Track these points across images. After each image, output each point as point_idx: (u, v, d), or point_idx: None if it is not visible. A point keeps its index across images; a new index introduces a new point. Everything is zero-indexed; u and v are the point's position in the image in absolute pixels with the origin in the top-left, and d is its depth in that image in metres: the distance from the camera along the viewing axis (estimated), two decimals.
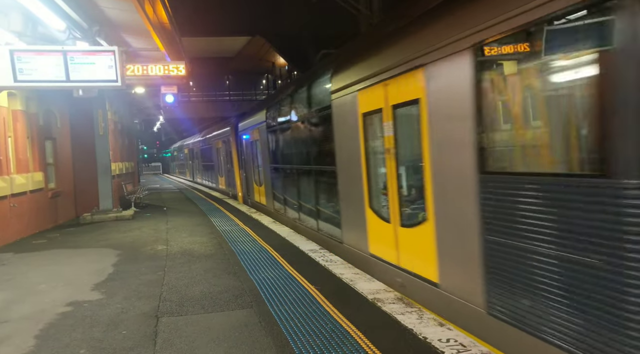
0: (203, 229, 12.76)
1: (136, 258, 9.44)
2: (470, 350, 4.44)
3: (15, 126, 12.67)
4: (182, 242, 11.00)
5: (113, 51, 9.86)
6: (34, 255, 10.32)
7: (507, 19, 4.15)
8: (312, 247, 9.64)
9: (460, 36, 4.83)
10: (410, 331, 4.96)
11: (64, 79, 9.68)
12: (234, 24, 26.46)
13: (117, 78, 9.86)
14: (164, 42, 12.02)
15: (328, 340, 4.86)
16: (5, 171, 11.88)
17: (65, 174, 16.37)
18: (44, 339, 5.29)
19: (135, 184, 27.20)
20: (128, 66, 10.32)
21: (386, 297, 6.14)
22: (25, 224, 12.85)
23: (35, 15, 9.43)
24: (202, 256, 9.33)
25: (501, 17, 4.21)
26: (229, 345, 4.88)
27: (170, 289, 7.09)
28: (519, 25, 4.04)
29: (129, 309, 6.21)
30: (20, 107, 12.98)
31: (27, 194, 13.00)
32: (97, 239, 12.07)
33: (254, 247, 9.99)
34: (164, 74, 10.64)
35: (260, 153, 15.55)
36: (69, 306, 6.49)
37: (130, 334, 5.32)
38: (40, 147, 14.35)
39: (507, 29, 4.17)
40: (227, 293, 6.72)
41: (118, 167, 21.83)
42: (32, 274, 8.47)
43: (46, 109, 14.86)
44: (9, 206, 11.87)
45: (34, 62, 9.48)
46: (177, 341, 5.05)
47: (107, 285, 7.51)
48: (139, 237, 12.06)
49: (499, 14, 4.26)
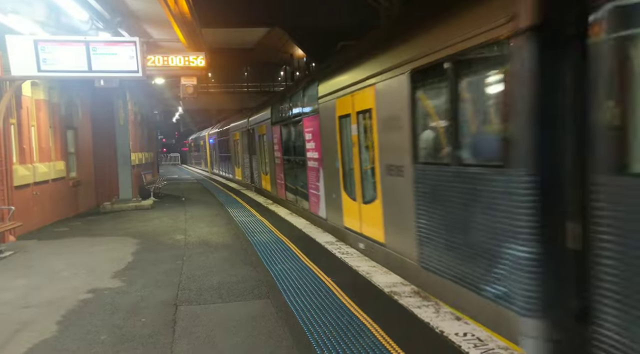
0: (220, 220, 12.86)
1: (155, 247, 9.57)
2: (487, 344, 4.42)
3: (38, 116, 12.87)
4: (200, 232, 11.10)
5: (134, 42, 9.94)
6: (56, 242, 10.51)
7: (425, 55, 5.90)
8: (328, 240, 9.66)
9: (398, 65, 6.62)
10: (427, 325, 4.96)
11: (86, 69, 9.78)
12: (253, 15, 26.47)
13: (138, 69, 9.94)
14: (184, 33, 12.07)
15: (344, 332, 4.88)
16: (28, 159, 12.10)
17: (86, 163, 16.61)
18: (66, 325, 5.40)
19: (155, 174, 27.49)
20: (149, 57, 10.37)
21: (403, 290, 6.14)
22: (47, 212, 13.08)
23: (58, 6, 9.54)
24: (219, 246, 9.41)
25: (422, 55, 5.99)
26: (246, 335, 4.93)
27: (188, 278, 7.18)
28: (434, 60, 5.69)
29: (149, 297, 6.31)
30: (43, 97, 13.18)
31: (49, 183, 13.23)
32: (117, 228, 12.25)
33: (271, 238, 10.05)
34: (184, 65, 10.67)
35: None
36: (89, 293, 6.62)
37: (149, 322, 5.41)
38: (62, 136, 14.56)
39: (426, 63, 5.88)
40: (244, 283, 6.78)
41: (137, 157, 22.06)
42: (54, 261, 8.63)
43: (68, 99, 15.06)
44: (32, 194, 12.10)
45: (57, 52, 9.59)
46: (196, 330, 5.11)
47: (127, 273, 7.63)
48: (158, 226, 12.21)
49: (420, 54, 6.04)
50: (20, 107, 11.81)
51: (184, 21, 11.39)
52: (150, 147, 28.73)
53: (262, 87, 43.16)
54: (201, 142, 47.04)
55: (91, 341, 4.92)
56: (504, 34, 4.36)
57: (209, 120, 55.14)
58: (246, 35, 35.10)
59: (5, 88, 10.50)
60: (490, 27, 4.55)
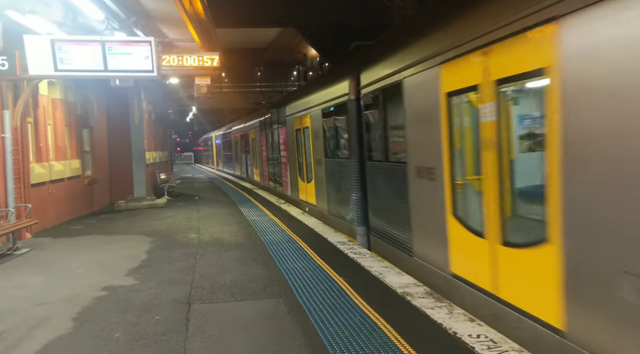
0: (233, 219, 12.92)
1: (169, 246, 9.64)
2: (501, 346, 4.39)
3: (55, 114, 13.03)
4: (213, 231, 11.16)
5: (149, 42, 10.00)
6: (71, 240, 10.64)
7: (319, 104, 11.78)
8: (340, 240, 9.66)
9: (340, 94, 10.13)
10: (440, 326, 4.94)
11: (102, 69, 9.87)
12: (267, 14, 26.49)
13: (153, 68, 10.00)
14: (199, 33, 12.12)
15: (357, 332, 4.88)
16: (44, 157, 12.26)
17: (101, 161, 16.78)
18: (81, 322, 5.46)
19: (169, 173, 27.68)
20: (164, 57, 10.45)
21: (415, 291, 6.12)
22: (62, 210, 13.24)
23: (75, 6, 9.63)
24: (232, 245, 9.45)
25: (311, 105, 12.41)
26: (259, 333, 4.95)
27: (201, 276, 7.22)
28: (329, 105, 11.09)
29: (162, 295, 6.35)
30: (60, 96, 13.34)
31: (65, 181, 13.39)
32: (131, 226, 12.36)
33: (283, 237, 10.07)
34: (198, 65, 10.73)
35: None
36: (104, 290, 6.68)
37: (163, 320, 5.45)
38: (78, 135, 14.73)
39: (322, 105, 11.39)
40: (257, 282, 6.80)
41: (152, 156, 22.24)
42: (69, 259, 8.74)
43: (84, 98, 15.23)
44: (48, 192, 12.25)
45: (73, 51, 9.69)
46: (208, 328, 5.14)
47: (141, 271, 7.69)
48: (171, 225, 12.30)
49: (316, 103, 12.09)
50: (37, 106, 11.97)
51: (198, 21, 11.44)
52: (165, 146, 28.95)
53: (275, 87, 43.24)
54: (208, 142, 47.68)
55: (105, 338, 4.97)
56: (345, 99, 9.68)
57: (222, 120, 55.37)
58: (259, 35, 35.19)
59: (22, 87, 10.65)
60: (342, 95, 9.83)
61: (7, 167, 10.07)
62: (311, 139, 12.53)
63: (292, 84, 43.29)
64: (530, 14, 4.16)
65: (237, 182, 27.48)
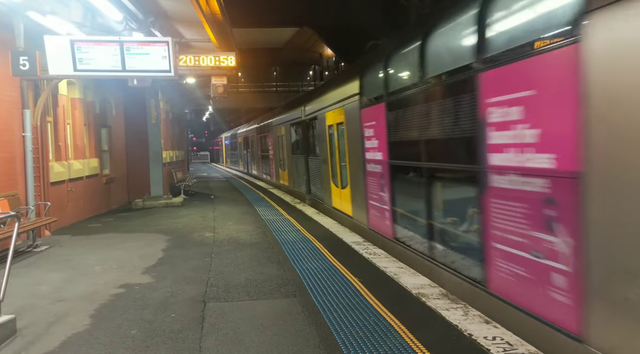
0: (248, 218, 12.97)
1: (185, 244, 9.71)
2: (517, 349, 4.35)
3: (74, 114, 13.21)
4: (229, 230, 11.22)
5: (167, 42, 10.10)
6: (89, 238, 10.78)
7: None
8: (355, 240, 9.64)
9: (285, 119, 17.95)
10: (455, 328, 4.91)
11: (120, 69, 10.00)
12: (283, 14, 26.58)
13: (170, 68, 10.10)
14: (215, 33, 12.20)
15: (371, 333, 4.87)
16: (63, 156, 12.43)
17: (119, 160, 16.97)
18: (98, 319, 5.53)
19: (185, 172, 27.89)
20: (181, 57, 10.53)
21: (431, 292, 6.09)
22: (81, 208, 13.42)
23: (94, 6, 9.77)
24: (247, 244, 9.50)
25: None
26: (273, 333, 4.96)
27: (216, 275, 7.26)
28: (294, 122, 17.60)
29: (178, 293, 6.41)
30: (79, 96, 13.52)
31: (83, 179, 13.56)
32: (148, 224, 12.48)
33: (298, 237, 10.09)
34: (215, 65, 10.80)
35: None
36: (121, 287, 6.76)
37: (178, 318, 5.49)
38: (97, 134, 14.91)
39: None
40: (272, 281, 6.82)
41: (169, 155, 22.44)
42: (87, 256, 8.85)
43: (102, 98, 15.41)
44: (67, 191, 12.42)
45: (92, 51, 9.83)
46: (223, 326, 5.17)
47: (157, 269, 7.77)
48: (187, 223, 12.39)
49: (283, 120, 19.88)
50: (57, 105, 12.14)
51: (215, 21, 11.51)
52: (181, 145, 29.17)
53: (291, 86, 43.32)
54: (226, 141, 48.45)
55: (122, 335, 5.03)
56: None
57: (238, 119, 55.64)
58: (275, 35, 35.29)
59: (42, 87, 10.81)
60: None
61: (27, 166, 10.23)
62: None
63: (308, 84, 43.34)
64: None
65: (252, 181, 27.58)
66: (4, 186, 9.64)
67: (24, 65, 9.50)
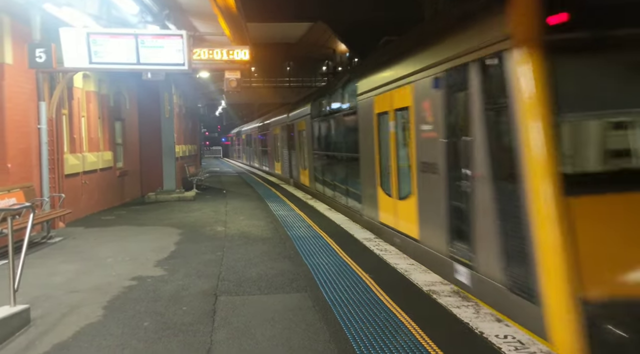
0: (260, 213, 13.00)
1: (197, 238, 9.76)
2: (529, 348, 4.31)
3: (88, 107, 13.31)
4: (240, 224, 11.25)
5: (181, 35, 10.11)
6: (103, 230, 10.87)
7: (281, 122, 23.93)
8: (366, 236, 9.62)
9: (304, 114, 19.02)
10: (467, 325, 4.87)
11: (134, 62, 10.02)
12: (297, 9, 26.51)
13: (185, 62, 10.11)
14: (230, 26, 12.21)
15: (382, 329, 4.86)
16: (78, 149, 12.54)
17: (132, 154, 17.08)
18: (111, 310, 5.58)
19: (197, 166, 28.03)
20: (195, 50, 10.55)
21: (442, 289, 6.06)
22: (94, 201, 13.54)
23: None
24: (258, 239, 9.52)
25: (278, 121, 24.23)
26: (284, 327, 4.97)
27: (228, 269, 7.29)
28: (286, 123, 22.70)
29: (190, 287, 6.44)
30: (94, 89, 13.62)
31: (97, 172, 13.67)
32: (161, 218, 12.56)
33: (309, 233, 10.09)
34: (229, 59, 10.80)
35: None
36: (133, 280, 6.81)
37: (190, 311, 5.52)
38: (111, 127, 15.02)
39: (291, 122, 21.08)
40: (283, 276, 6.83)
41: (181, 149, 22.55)
42: (100, 248, 8.93)
43: (117, 91, 15.51)
44: (81, 183, 12.54)
45: (107, 44, 9.86)
46: (234, 320, 5.19)
47: (169, 262, 7.81)
48: (199, 218, 12.45)
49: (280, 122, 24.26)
50: (72, 98, 12.24)
51: (229, 14, 11.51)
52: (194, 140, 29.30)
53: (304, 82, 43.31)
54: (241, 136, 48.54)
55: (135, 326, 5.07)
56: None
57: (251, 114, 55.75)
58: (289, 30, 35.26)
59: (58, 79, 10.90)
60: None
61: (43, 158, 10.33)
62: None
63: (321, 80, 43.30)
64: None
65: (265, 177, 27.64)
66: (20, 177, 9.75)
67: (40, 57, 9.56)
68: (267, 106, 44.90)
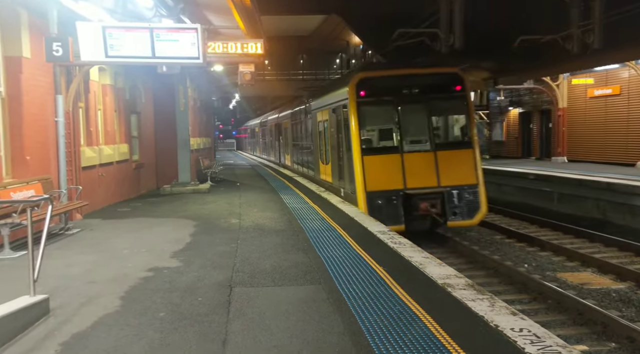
0: (273, 206, 13.05)
1: (211, 230, 9.84)
2: (545, 341, 4.29)
3: (105, 100, 13.44)
4: (254, 216, 11.31)
5: (196, 29, 10.15)
6: (119, 222, 11.00)
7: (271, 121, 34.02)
8: (380, 229, 9.61)
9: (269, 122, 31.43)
10: (482, 319, 4.86)
11: (150, 56, 10.09)
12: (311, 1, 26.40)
13: (199, 55, 10.16)
14: (244, 20, 12.23)
15: (396, 321, 4.86)
16: (94, 141, 12.68)
17: (148, 147, 17.23)
18: (128, 301, 5.66)
19: (212, 159, 28.18)
20: (209, 44, 10.59)
21: (457, 282, 6.04)
22: (111, 193, 13.70)
23: None
24: (272, 231, 9.56)
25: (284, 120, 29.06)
26: (298, 318, 5.00)
27: (242, 261, 7.34)
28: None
29: (205, 278, 6.50)
30: (110, 82, 13.74)
31: (114, 165, 13.82)
32: (176, 210, 12.67)
33: (323, 225, 10.11)
34: (243, 52, 10.84)
35: None
36: (149, 271, 6.89)
37: (205, 301, 5.58)
38: (127, 120, 15.15)
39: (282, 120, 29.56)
40: (297, 268, 6.86)
41: (196, 142, 22.70)
42: (116, 240, 9.04)
43: (132, 85, 15.63)
44: (98, 175, 12.69)
45: (123, 38, 9.94)
46: (249, 311, 5.24)
47: (185, 254, 7.89)
48: (214, 210, 12.54)
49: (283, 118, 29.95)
50: (88, 91, 12.37)
51: (243, 8, 11.53)
52: (208, 132, 29.48)
53: (318, 75, 43.18)
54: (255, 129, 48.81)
55: (151, 317, 5.14)
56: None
57: (264, 107, 55.82)
58: (302, 23, 35.14)
59: (74, 73, 11.01)
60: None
61: (60, 150, 10.47)
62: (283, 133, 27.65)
63: (335, 72, 43.17)
64: None
65: (279, 169, 27.71)
66: (38, 169, 9.89)
67: (57, 51, 9.67)
68: (281, 99, 44.91)
